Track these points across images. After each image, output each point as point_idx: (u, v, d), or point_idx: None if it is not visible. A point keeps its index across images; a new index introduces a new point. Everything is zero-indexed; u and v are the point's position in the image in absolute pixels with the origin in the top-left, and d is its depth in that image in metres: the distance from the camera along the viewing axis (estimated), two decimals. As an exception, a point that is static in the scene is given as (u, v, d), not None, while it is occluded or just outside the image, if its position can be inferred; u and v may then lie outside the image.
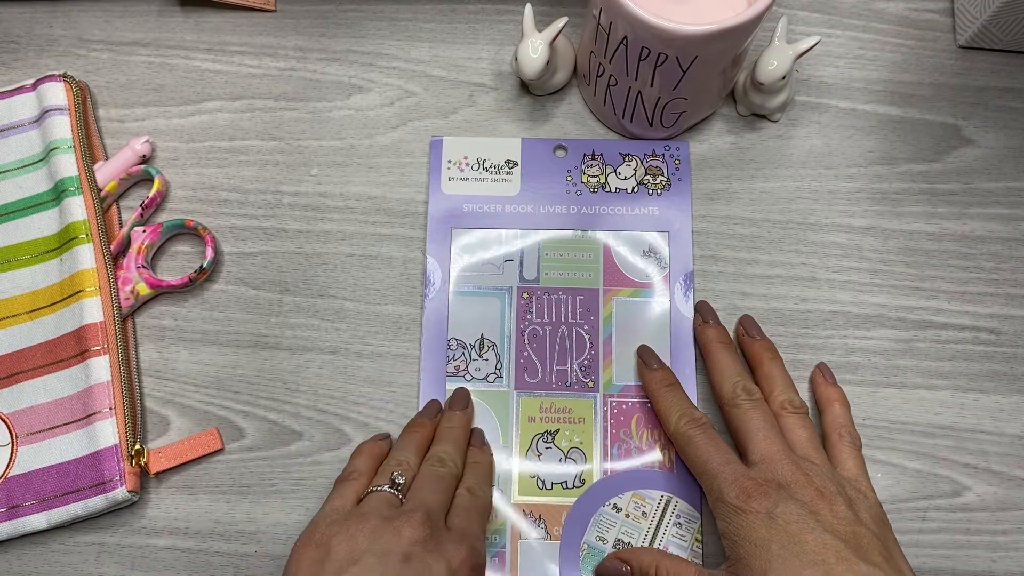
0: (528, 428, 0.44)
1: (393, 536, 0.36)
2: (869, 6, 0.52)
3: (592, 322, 0.46)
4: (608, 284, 0.46)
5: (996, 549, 0.43)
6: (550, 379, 0.45)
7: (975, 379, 0.46)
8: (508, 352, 0.45)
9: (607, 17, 0.41)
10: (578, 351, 0.45)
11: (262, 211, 0.48)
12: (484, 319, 0.46)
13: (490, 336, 0.46)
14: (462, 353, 0.45)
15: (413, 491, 0.39)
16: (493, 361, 0.45)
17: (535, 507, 0.43)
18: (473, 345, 0.45)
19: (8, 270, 0.46)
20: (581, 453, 0.44)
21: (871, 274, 0.47)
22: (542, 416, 0.45)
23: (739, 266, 0.47)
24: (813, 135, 0.49)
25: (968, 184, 0.49)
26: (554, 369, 0.45)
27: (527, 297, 0.46)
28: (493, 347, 0.45)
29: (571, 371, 0.45)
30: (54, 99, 0.47)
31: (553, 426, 0.44)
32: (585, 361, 0.45)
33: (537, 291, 0.46)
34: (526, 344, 0.45)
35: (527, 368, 0.45)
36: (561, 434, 0.44)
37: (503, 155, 0.48)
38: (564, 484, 0.44)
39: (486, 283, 0.46)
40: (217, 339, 0.46)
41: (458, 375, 0.45)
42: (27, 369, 0.44)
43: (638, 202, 0.47)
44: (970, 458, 0.45)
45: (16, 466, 0.43)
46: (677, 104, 0.45)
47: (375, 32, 0.51)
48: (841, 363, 0.46)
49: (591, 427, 0.44)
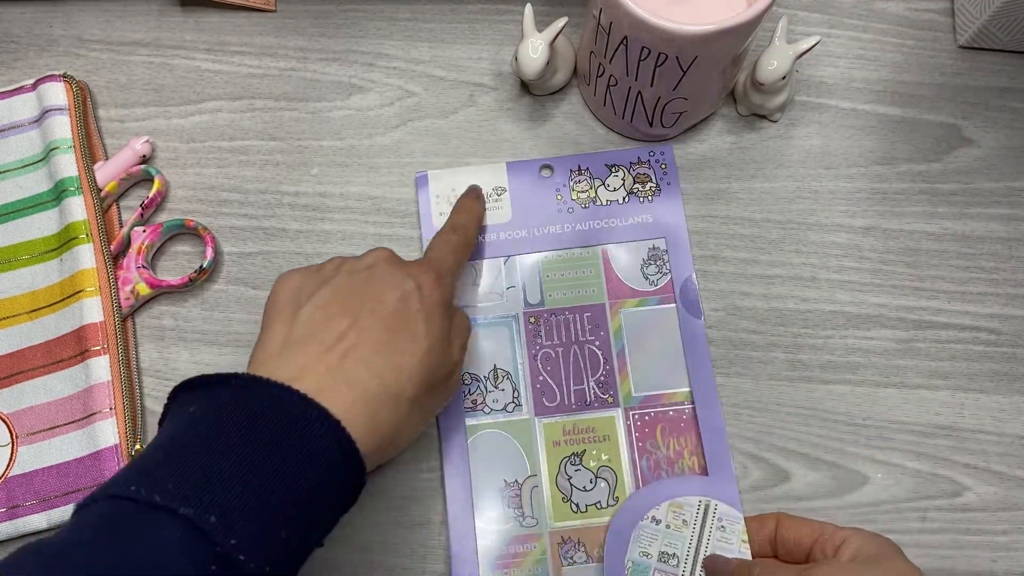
0: (554, 453, 0.44)
1: (358, 261, 0.39)
2: (869, 6, 0.52)
3: (603, 337, 0.45)
4: (613, 297, 0.46)
5: (996, 549, 0.43)
6: (569, 400, 0.45)
7: (975, 379, 0.46)
8: (523, 379, 0.45)
9: (607, 17, 0.41)
10: (593, 368, 0.45)
11: (262, 211, 0.48)
12: (495, 349, 0.45)
13: (503, 365, 0.45)
14: (477, 386, 0.45)
15: None
16: (509, 390, 0.45)
17: (573, 532, 0.43)
18: (487, 377, 0.45)
19: (8, 270, 0.46)
20: (611, 471, 0.44)
21: (871, 274, 0.47)
22: (566, 439, 0.44)
23: (739, 266, 0.47)
24: (813, 135, 0.49)
25: (968, 184, 0.49)
26: (572, 389, 0.45)
27: (535, 321, 0.46)
28: (508, 376, 0.45)
29: (589, 389, 0.45)
30: (54, 99, 0.47)
31: (579, 447, 0.44)
32: (601, 377, 0.45)
33: (544, 314, 0.46)
34: (540, 368, 0.45)
35: (544, 392, 0.45)
36: (588, 454, 0.44)
37: (490, 182, 0.48)
38: (598, 504, 0.43)
39: (492, 313, 0.46)
40: (217, 339, 0.46)
41: (476, 409, 0.44)
42: (27, 369, 0.44)
43: (631, 211, 0.47)
44: (970, 458, 0.45)
45: (16, 466, 0.43)
46: (677, 104, 0.45)
47: (375, 32, 0.51)
48: (841, 363, 0.46)
49: (617, 443, 0.44)
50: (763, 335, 0.46)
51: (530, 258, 0.47)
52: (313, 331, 0.36)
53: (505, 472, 0.44)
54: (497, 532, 0.43)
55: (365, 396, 0.34)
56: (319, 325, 0.36)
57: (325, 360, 0.35)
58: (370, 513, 0.44)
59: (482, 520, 0.43)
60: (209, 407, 0.32)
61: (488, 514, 0.43)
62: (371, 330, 0.36)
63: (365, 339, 0.35)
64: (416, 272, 0.38)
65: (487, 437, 0.44)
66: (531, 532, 0.43)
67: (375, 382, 0.35)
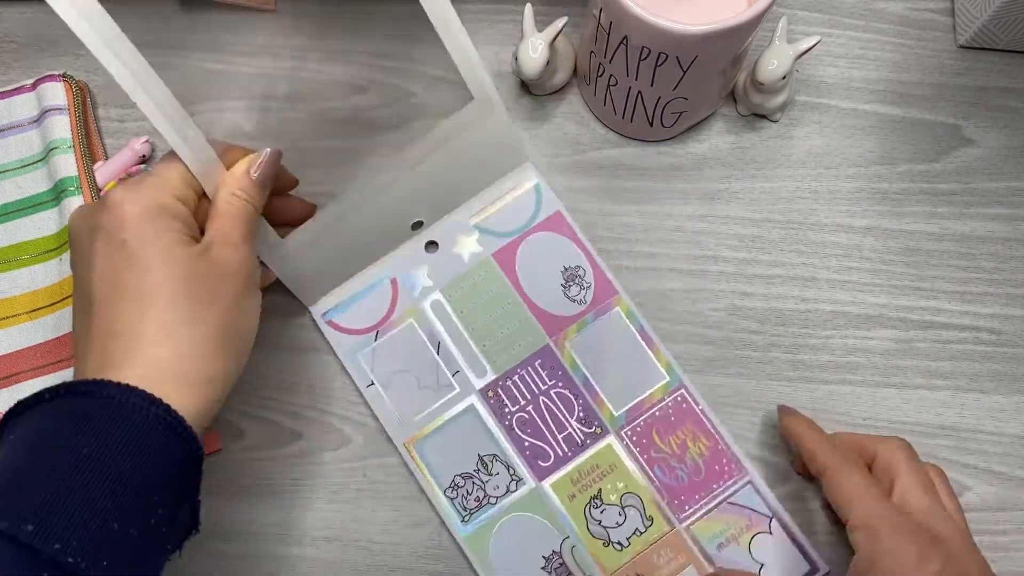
0: (574, 506, 0.43)
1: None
2: (869, 6, 0.52)
3: (563, 376, 0.45)
4: (551, 333, 0.45)
5: (996, 549, 0.43)
6: (562, 451, 0.44)
7: (975, 379, 0.46)
8: (511, 453, 0.44)
9: (607, 17, 0.41)
10: (568, 410, 0.44)
11: (262, 211, 0.48)
12: (470, 441, 0.44)
13: (486, 452, 0.44)
14: (472, 483, 0.43)
15: None
16: (504, 471, 0.44)
17: (628, 569, 0.42)
18: (477, 470, 0.44)
19: (8, 270, 0.46)
20: (632, 495, 0.43)
21: (871, 274, 0.47)
22: (578, 488, 0.43)
23: (739, 266, 0.47)
24: (813, 135, 0.49)
25: (968, 184, 0.49)
26: (559, 439, 0.44)
27: (494, 395, 0.44)
28: (495, 458, 0.44)
29: (575, 431, 0.44)
30: (54, 99, 0.47)
31: (594, 489, 0.43)
32: (580, 414, 0.44)
33: (499, 383, 0.45)
34: (521, 435, 0.44)
35: (537, 455, 0.44)
36: (605, 491, 0.43)
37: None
38: (637, 532, 0.43)
39: (451, 408, 0.44)
40: (217, 339, 0.46)
41: (482, 506, 0.43)
42: (27, 369, 0.44)
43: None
44: (970, 458, 0.45)
45: (16, 466, 0.43)
46: (677, 104, 0.45)
47: (375, 32, 0.51)
48: (841, 363, 0.46)
49: (625, 468, 0.44)
50: (763, 335, 0.46)
51: (457, 331, 0.45)
52: None
53: (541, 549, 0.43)
54: None
55: (148, 361, 0.32)
56: None
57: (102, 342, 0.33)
58: (370, 513, 0.44)
59: None
60: (25, 426, 0.32)
61: None
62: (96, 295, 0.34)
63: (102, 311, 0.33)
64: (98, 208, 0.35)
65: (506, 527, 0.43)
66: None
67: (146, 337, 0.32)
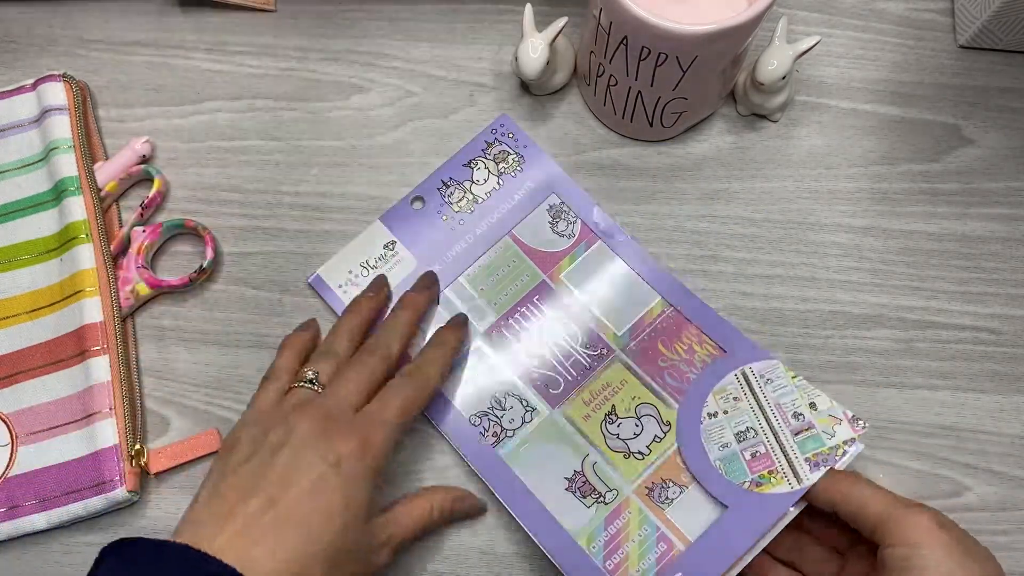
0: (590, 425, 0.44)
1: (288, 430, 0.37)
2: (869, 6, 0.52)
3: (562, 306, 0.46)
4: (546, 269, 0.46)
5: (996, 549, 0.43)
6: (571, 376, 0.45)
7: (975, 379, 0.46)
8: (522, 387, 0.45)
9: (607, 17, 0.41)
10: (572, 337, 0.45)
11: (262, 211, 0.48)
12: (482, 381, 0.45)
13: (498, 390, 0.44)
14: (489, 421, 0.44)
15: (332, 384, 0.38)
16: (517, 404, 0.44)
17: (652, 476, 0.43)
18: (491, 407, 0.44)
19: (8, 270, 0.46)
20: (647, 404, 0.44)
21: (871, 274, 0.47)
22: (591, 407, 0.44)
23: (739, 266, 0.47)
24: (813, 135, 0.49)
25: (968, 184, 0.49)
26: (567, 367, 0.45)
27: (498, 335, 0.45)
28: (507, 394, 0.44)
29: (581, 356, 0.45)
30: (54, 99, 0.47)
31: (607, 406, 0.44)
32: (584, 339, 0.45)
33: (502, 322, 0.46)
34: (529, 368, 0.45)
35: (548, 384, 0.44)
36: (618, 406, 0.44)
37: (377, 243, 0.47)
38: (656, 438, 0.43)
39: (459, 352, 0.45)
40: (217, 339, 0.46)
41: (501, 439, 0.43)
42: (27, 369, 0.44)
43: (511, 189, 0.48)
44: (970, 458, 0.45)
45: (16, 466, 0.43)
46: (677, 104, 0.45)
47: (375, 32, 0.51)
48: (841, 363, 0.46)
49: (635, 382, 0.44)
50: (763, 335, 0.46)
51: (457, 285, 0.46)
52: (231, 506, 0.35)
53: (563, 470, 0.43)
54: (590, 526, 0.42)
55: (277, 568, 0.34)
56: (235, 500, 0.35)
57: (240, 532, 0.34)
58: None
59: (570, 524, 0.42)
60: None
61: (571, 517, 0.42)
62: (286, 507, 0.35)
63: (282, 516, 0.35)
64: (339, 442, 0.36)
65: (526, 455, 0.43)
66: (618, 503, 0.42)
67: (286, 554, 0.34)
